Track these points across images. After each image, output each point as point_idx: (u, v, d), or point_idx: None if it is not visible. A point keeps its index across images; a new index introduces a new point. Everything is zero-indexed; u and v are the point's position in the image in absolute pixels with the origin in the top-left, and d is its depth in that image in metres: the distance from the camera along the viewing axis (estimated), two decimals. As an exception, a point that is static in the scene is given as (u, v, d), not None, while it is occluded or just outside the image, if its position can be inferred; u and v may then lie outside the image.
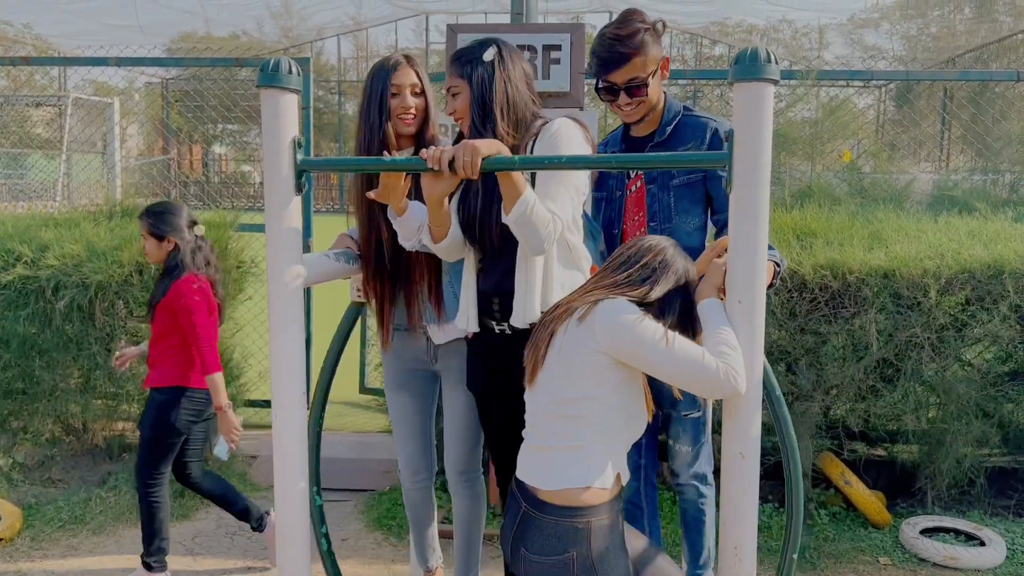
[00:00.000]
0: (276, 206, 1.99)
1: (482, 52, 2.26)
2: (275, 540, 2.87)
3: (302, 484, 2.10)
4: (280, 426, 2.05)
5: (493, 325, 2.34)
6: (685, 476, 2.73)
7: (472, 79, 2.25)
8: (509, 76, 2.25)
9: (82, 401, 4.32)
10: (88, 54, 7.52)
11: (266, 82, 1.93)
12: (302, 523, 2.11)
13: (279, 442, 2.07)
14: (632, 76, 2.44)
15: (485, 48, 2.27)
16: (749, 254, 1.82)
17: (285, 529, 2.10)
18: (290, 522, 2.10)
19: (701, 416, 2.68)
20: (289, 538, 2.09)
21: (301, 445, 2.10)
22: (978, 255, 3.75)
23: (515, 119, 2.25)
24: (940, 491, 4.05)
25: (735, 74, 1.78)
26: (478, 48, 2.28)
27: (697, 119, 2.55)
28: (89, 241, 4.13)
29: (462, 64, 2.28)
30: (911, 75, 4.68)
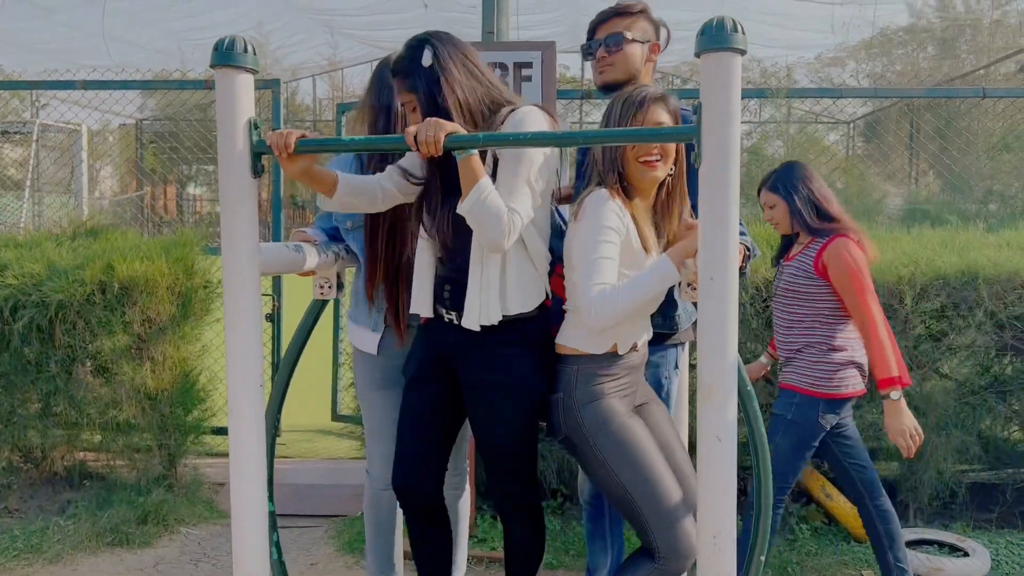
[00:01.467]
0: (231, 191, 1.92)
1: (420, 57, 2.17)
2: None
3: (259, 492, 2.00)
4: (237, 421, 1.95)
5: (443, 312, 2.28)
6: None
7: (419, 90, 2.17)
8: (452, 75, 2.16)
9: (41, 427, 4.17)
10: (60, 92, 7.48)
11: (220, 61, 1.88)
12: (260, 539, 2.01)
13: (236, 440, 1.97)
14: (613, 31, 2.54)
15: (421, 52, 2.18)
16: (720, 229, 1.77)
17: (241, 543, 1.99)
18: (247, 536, 1.99)
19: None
20: (246, 557, 1.98)
21: (259, 448, 2.00)
22: (952, 262, 3.75)
23: (471, 114, 2.18)
24: (922, 504, 3.98)
25: (701, 44, 1.75)
26: (414, 54, 2.19)
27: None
28: (50, 260, 4.02)
29: (405, 77, 2.20)
30: (879, 93, 4.72)
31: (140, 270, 3.95)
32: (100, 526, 3.87)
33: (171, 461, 4.28)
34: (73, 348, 4.03)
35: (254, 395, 1.96)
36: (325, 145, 2.04)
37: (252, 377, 1.96)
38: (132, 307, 3.98)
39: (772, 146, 5.93)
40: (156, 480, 4.22)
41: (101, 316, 3.97)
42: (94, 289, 3.94)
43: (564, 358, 2.24)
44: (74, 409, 4.16)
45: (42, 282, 3.92)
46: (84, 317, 3.97)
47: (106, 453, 4.40)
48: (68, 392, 4.08)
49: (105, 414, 4.10)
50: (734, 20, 1.73)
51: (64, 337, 4.00)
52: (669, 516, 2.12)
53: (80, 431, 4.29)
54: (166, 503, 4.06)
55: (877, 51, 17.40)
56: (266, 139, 1.95)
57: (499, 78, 2.33)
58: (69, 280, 3.90)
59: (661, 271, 2.05)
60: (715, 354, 1.78)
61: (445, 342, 2.30)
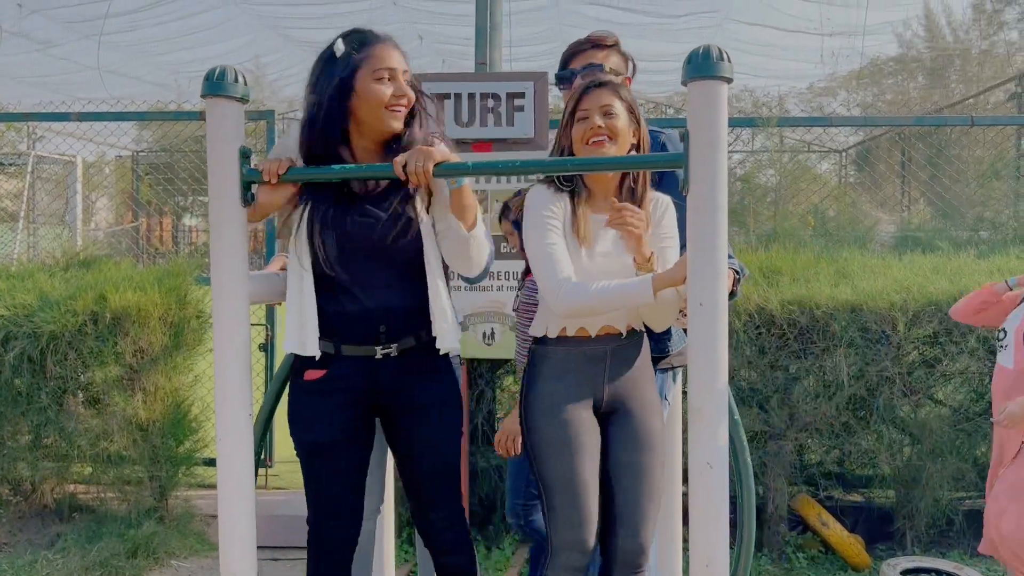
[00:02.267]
0: (221, 220, 1.93)
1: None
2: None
3: (248, 515, 1.98)
4: (226, 449, 1.94)
5: (376, 350, 2.12)
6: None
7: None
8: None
9: (31, 459, 4.14)
10: (56, 124, 7.53)
11: (211, 91, 1.89)
12: (249, 571, 1.99)
13: (224, 469, 1.95)
14: (588, 63, 2.53)
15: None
16: (709, 255, 1.78)
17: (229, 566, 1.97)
18: (235, 569, 1.97)
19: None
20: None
21: (248, 479, 1.99)
22: (943, 288, 3.76)
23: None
24: (919, 532, 3.96)
25: (688, 73, 1.77)
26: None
27: (655, 136, 2.54)
28: (42, 291, 4.01)
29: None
30: (869, 121, 4.76)
31: (132, 300, 3.95)
32: (90, 560, 3.82)
33: (162, 493, 4.24)
34: (64, 379, 4.01)
35: (243, 424, 1.95)
36: (311, 174, 2.04)
37: (240, 406, 1.95)
38: (124, 337, 3.97)
39: (765, 175, 5.97)
40: (147, 512, 4.17)
41: (93, 347, 3.95)
42: (86, 319, 3.93)
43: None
44: (65, 441, 4.13)
45: (34, 313, 3.91)
46: (76, 348, 3.95)
47: (97, 485, 4.36)
48: (59, 423, 4.05)
49: (96, 445, 4.07)
50: (720, 49, 1.75)
51: (55, 368, 3.98)
52: (563, 520, 2.13)
53: (70, 463, 4.25)
54: (157, 536, 4.02)
55: (867, 81, 17.60)
56: (258, 166, 1.96)
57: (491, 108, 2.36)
58: (61, 311, 3.89)
59: (637, 289, 2.05)
60: (705, 379, 1.78)
61: (374, 379, 2.16)
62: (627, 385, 2.23)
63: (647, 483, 2.18)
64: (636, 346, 2.25)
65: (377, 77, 2.03)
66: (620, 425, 2.22)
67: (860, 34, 11.25)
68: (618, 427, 2.22)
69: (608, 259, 2.15)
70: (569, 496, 2.13)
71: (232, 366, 1.93)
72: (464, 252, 2.09)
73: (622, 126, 2.13)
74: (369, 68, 2.03)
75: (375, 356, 2.13)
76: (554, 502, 2.15)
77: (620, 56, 2.62)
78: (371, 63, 2.03)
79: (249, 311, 1.99)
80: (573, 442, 2.15)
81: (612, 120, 2.11)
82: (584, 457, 2.15)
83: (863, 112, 17.43)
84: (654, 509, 2.19)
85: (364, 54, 2.03)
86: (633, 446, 2.20)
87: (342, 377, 2.13)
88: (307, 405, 2.16)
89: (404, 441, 2.23)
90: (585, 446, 2.16)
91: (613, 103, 2.13)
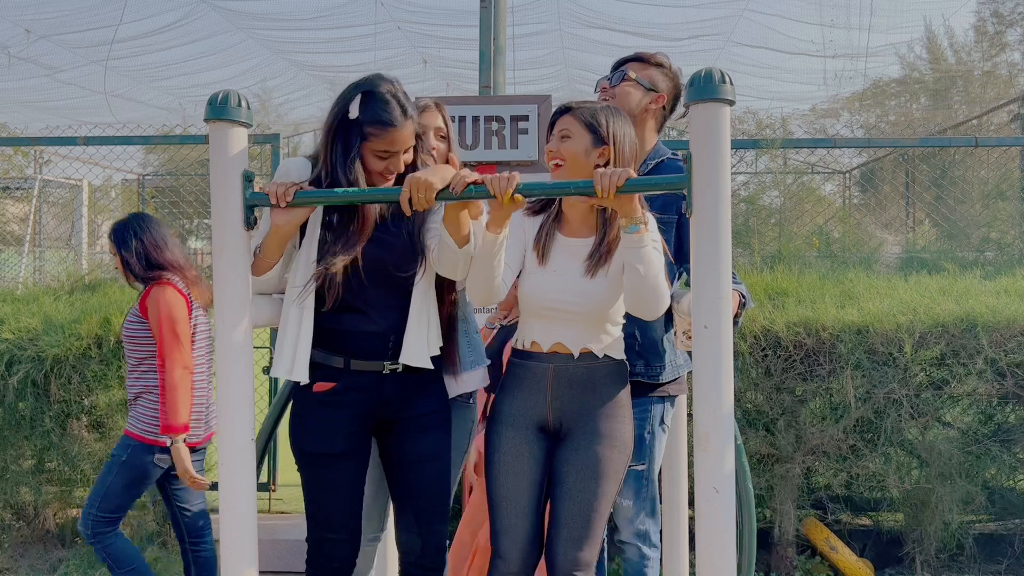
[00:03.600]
0: (224, 243, 1.93)
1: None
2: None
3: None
4: (227, 469, 1.93)
5: (384, 365, 2.23)
6: (627, 532, 2.56)
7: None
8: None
9: (34, 484, 4.12)
10: (63, 149, 7.56)
11: (215, 115, 1.90)
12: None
13: (226, 488, 1.94)
14: (622, 68, 2.63)
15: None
16: (713, 277, 1.77)
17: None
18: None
19: (645, 470, 2.53)
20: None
21: (249, 498, 1.97)
22: (950, 309, 3.74)
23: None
24: (928, 556, 3.91)
25: (690, 95, 1.77)
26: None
27: (678, 163, 2.55)
28: (47, 314, 4.01)
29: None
30: (873, 142, 4.76)
31: (136, 324, 3.94)
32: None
33: (164, 518, 4.21)
34: (68, 403, 4.00)
35: (245, 449, 1.94)
36: (320, 197, 2.05)
37: (243, 431, 1.94)
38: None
39: (769, 196, 5.97)
40: (150, 537, 4.15)
41: (97, 370, 3.95)
42: (90, 343, 3.93)
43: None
44: (68, 465, 4.12)
45: (38, 336, 3.91)
46: (80, 371, 3.95)
47: (99, 510, 4.33)
48: (62, 447, 4.04)
49: (99, 470, 4.05)
50: (722, 71, 1.75)
51: (59, 392, 3.97)
52: (493, 533, 2.25)
53: (73, 487, 4.24)
54: (160, 561, 3.99)
55: (870, 102, 17.64)
56: (265, 189, 1.97)
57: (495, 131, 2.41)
58: (65, 334, 3.89)
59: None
60: (711, 403, 1.76)
61: (380, 393, 2.25)
62: (576, 408, 2.26)
63: (584, 508, 2.20)
64: (592, 372, 2.26)
65: (376, 154, 2.16)
66: (567, 447, 2.26)
67: (863, 56, 11.31)
68: (566, 449, 2.26)
69: (557, 275, 2.24)
70: (499, 508, 2.25)
71: (234, 391, 1.92)
72: (453, 263, 2.14)
73: (572, 150, 2.20)
74: (372, 146, 2.15)
75: (383, 371, 2.24)
76: (491, 513, 2.28)
77: (664, 76, 2.65)
78: (374, 144, 2.15)
79: (252, 335, 1.98)
80: (504, 457, 2.26)
81: (564, 144, 2.20)
82: (513, 472, 2.24)
83: (867, 133, 17.44)
84: (589, 535, 2.20)
85: (373, 131, 2.14)
86: (577, 470, 2.23)
87: (351, 390, 2.22)
88: (315, 417, 2.23)
89: (406, 449, 2.31)
90: (516, 462, 2.25)
91: (570, 127, 2.21)
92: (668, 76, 2.65)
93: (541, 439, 2.28)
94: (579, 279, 2.21)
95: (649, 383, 2.51)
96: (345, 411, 2.22)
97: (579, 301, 2.20)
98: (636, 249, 2.02)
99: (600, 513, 2.21)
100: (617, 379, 2.29)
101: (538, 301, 2.25)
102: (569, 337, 2.23)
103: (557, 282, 2.23)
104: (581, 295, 2.20)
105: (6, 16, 12.53)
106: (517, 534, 2.23)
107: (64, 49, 13.69)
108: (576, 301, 2.20)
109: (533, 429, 2.27)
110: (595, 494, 2.20)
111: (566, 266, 2.24)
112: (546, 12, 12.48)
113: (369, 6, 12.60)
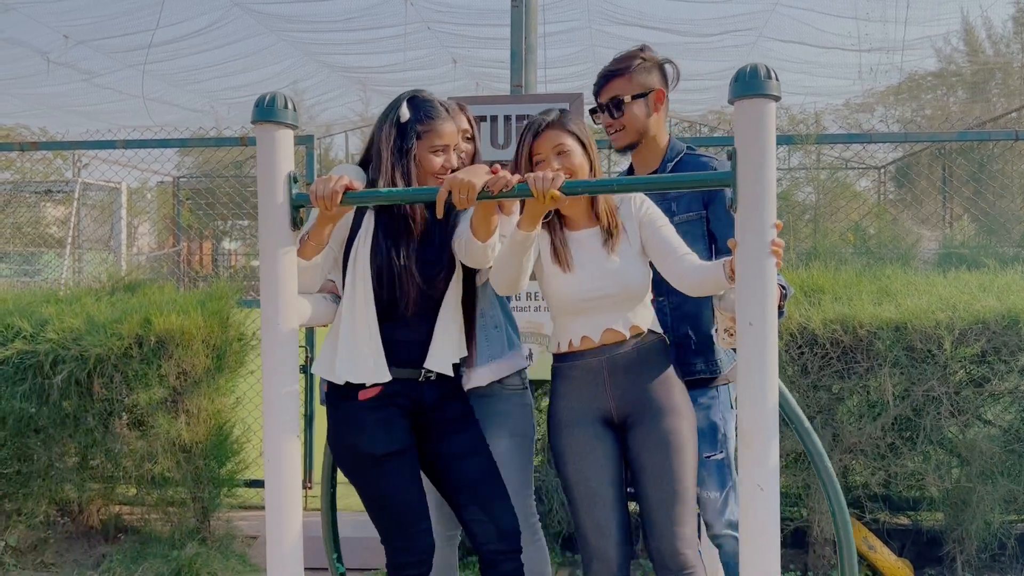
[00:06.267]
0: (271, 243, 1.96)
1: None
2: None
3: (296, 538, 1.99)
4: (274, 470, 1.96)
5: (421, 372, 2.34)
6: (719, 526, 2.54)
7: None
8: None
9: (78, 481, 4.20)
10: (101, 152, 7.71)
11: (261, 117, 1.93)
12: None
13: (272, 487, 1.97)
14: (613, 95, 2.52)
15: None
16: (758, 274, 1.77)
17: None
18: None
19: (724, 458, 2.54)
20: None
21: (295, 497, 2.00)
22: (991, 306, 3.68)
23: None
24: (970, 556, 3.86)
25: (735, 91, 1.77)
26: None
27: (698, 158, 2.54)
28: (89, 315, 4.08)
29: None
30: (909, 137, 4.71)
31: (176, 323, 4.00)
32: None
33: (205, 514, 4.27)
34: (110, 401, 4.07)
35: (290, 445, 1.97)
36: (367, 197, 2.09)
37: (289, 427, 1.97)
38: (168, 360, 4.02)
39: (803, 192, 5.91)
40: (190, 533, 4.21)
41: (138, 369, 4.01)
42: (131, 343, 3.99)
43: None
44: (111, 462, 4.19)
45: (81, 336, 3.98)
46: (121, 371, 4.01)
47: (141, 506, 4.41)
48: (105, 445, 4.11)
49: (140, 467, 4.12)
50: (767, 67, 1.75)
51: (102, 390, 4.04)
52: (581, 532, 2.25)
53: (116, 484, 4.31)
54: (199, 557, 4.05)
55: (906, 96, 17.40)
56: (309, 190, 2.01)
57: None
58: (107, 334, 3.96)
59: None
60: (755, 401, 1.76)
61: (419, 398, 2.35)
62: (636, 392, 2.28)
63: (671, 485, 2.20)
64: (642, 352, 2.30)
65: (433, 150, 2.30)
66: (637, 432, 2.27)
67: (899, 49, 11.16)
68: (636, 434, 2.27)
69: (583, 269, 2.28)
70: (583, 509, 2.25)
71: (280, 388, 1.95)
72: (477, 255, 2.22)
73: (578, 161, 2.26)
74: (427, 142, 2.29)
75: (419, 378, 2.33)
76: (575, 517, 2.28)
77: (646, 71, 2.55)
78: (430, 138, 2.28)
79: (298, 334, 2.01)
80: (576, 458, 2.27)
81: (566, 158, 2.25)
82: (590, 470, 2.25)
83: (902, 128, 17.21)
84: (684, 510, 2.19)
85: (426, 127, 2.28)
86: (653, 451, 2.24)
87: (395, 394, 2.30)
88: (367, 419, 2.29)
89: (447, 448, 2.38)
90: (590, 459, 2.25)
91: (564, 141, 2.26)
92: (647, 67, 2.55)
93: (609, 433, 2.30)
94: (604, 264, 2.28)
95: (711, 376, 2.53)
96: (394, 411, 2.30)
97: (612, 284, 2.27)
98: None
99: (687, 487, 2.22)
100: (663, 355, 2.34)
101: (575, 297, 2.29)
102: (616, 320, 2.28)
103: (585, 275, 2.28)
104: (612, 277, 2.27)
105: (45, 22, 12.77)
106: (609, 531, 2.21)
107: (101, 54, 13.93)
108: (609, 284, 2.27)
109: (599, 425, 2.29)
110: (678, 469, 2.21)
111: (587, 257, 2.30)
112: (576, 10, 12.47)
113: (399, 7, 12.68)
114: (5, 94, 14.96)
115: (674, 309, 2.54)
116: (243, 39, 14.11)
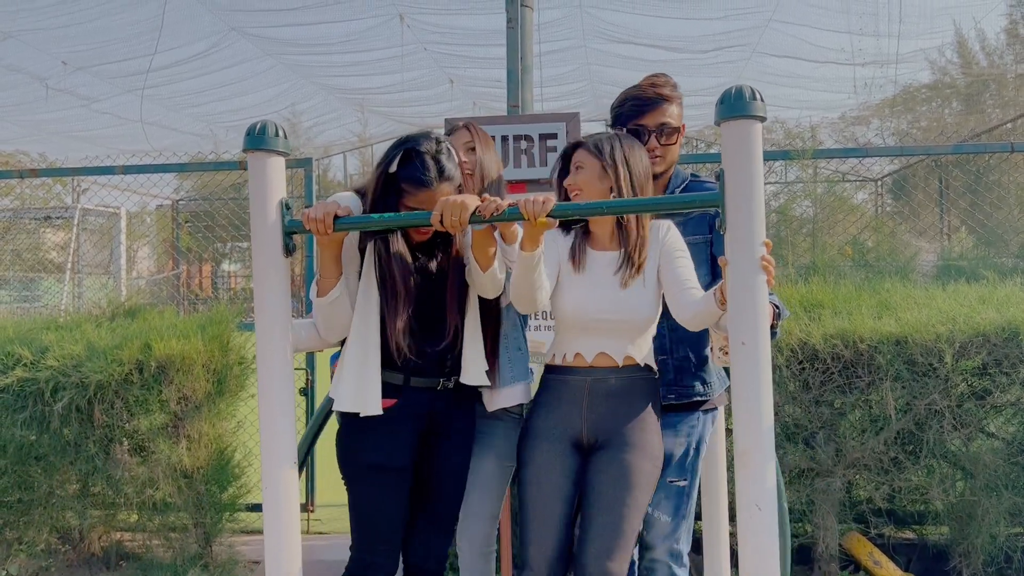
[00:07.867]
0: (264, 269, 1.96)
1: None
2: None
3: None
4: (272, 492, 1.95)
5: (440, 382, 2.39)
6: (660, 550, 2.49)
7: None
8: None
9: (79, 508, 4.19)
10: (101, 177, 7.74)
11: (252, 145, 1.94)
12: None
13: (270, 512, 1.96)
14: (663, 121, 2.52)
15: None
16: (749, 294, 1.77)
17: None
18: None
19: (687, 486, 2.50)
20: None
21: (293, 520, 2.00)
22: (991, 318, 3.68)
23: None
24: (976, 570, 3.84)
25: (720, 113, 1.78)
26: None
27: (703, 184, 2.56)
28: (89, 341, 4.08)
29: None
30: (905, 150, 4.72)
31: (176, 348, 4.00)
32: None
33: (207, 540, 4.25)
34: (111, 428, 4.06)
35: (288, 472, 1.96)
36: (360, 223, 2.10)
37: (285, 455, 1.96)
38: (168, 385, 4.02)
39: (800, 206, 5.93)
40: (192, 559, 4.19)
41: (138, 395, 4.00)
42: (132, 369, 3.99)
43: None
44: (112, 489, 4.18)
45: (82, 363, 3.98)
46: (122, 396, 4.01)
47: (143, 533, 4.39)
48: (106, 472, 4.09)
49: (142, 493, 4.11)
50: (752, 88, 1.76)
51: (103, 417, 4.03)
52: (523, 546, 2.30)
53: (117, 511, 4.29)
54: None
55: (901, 108, 17.45)
56: (303, 217, 2.03)
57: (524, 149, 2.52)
58: (108, 360, 3.96)
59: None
60: (750, 420, 1.76)
61: (433, 407, 2.40)
62: (610, 421, 2.32)
63: (618, 521, 2.22)
64: (627, 383, 2.33)
65: (411, 211, 2.29)
66: (600, 457, 2.31)
67: (893, 62, 11.20)
68: (598, 459, 2.31)
69: (594, 288, 2.35)
70: (531, 518, 2.31)
71: (276, 414, 1.95)
72: (481, 284, 2.31)
73: (587, 178, 2.34)
74: (406, 203, 2.28)
75: (437, 388, 2.38)
76: (521, 526, 2.36)
77: (680, 105, 2.60)
78: (408, 200, 2.27)
79: (293, 359, 2.01)
80: (537, 471, 2.32)
81: (578, 175, 2.35)
82: (547, 483, 2.30)
83: (898, 140, 17.26)
84: (621, 545, 2.21)
85: (407, 188, 2.26)
86: (609, 481, 2.27)
87: (411, 405, 2.35)
88: (377, 431, 2.32)
89: (442, 464, 2.45)
90: (550, 474, 2.30)
91: (583, 159, 2.37)
92: (679, 96, 2.60)
93: (574, 454, 2.34)
94: (615, 291, 2.31)
95: (704, 399, 2.52)
96: (405, 425, 2.35)
97: (617, 311, 2.30)
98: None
99: (631, 524, 2.23)
100: (650, 391, 2.37)
101: (579, 315, 2.33)
102: (612, 347, 2.32)
103: (594, 295, 2.32)
104: (618, 305, 2.30)
105: (44, 49, 12.85)
106: (545, 546, 2.27)
107: (100, 80, 14.00)
108: (614, 310, 2.30)
109: (567, 444, 2.34)
110: (627, 504, 2.23)
111: (600, 279, 2.34)
112: (571, 29, 12.55)
113: (395, 29, 12.76)
114: (5, 120, 15.04)
115: (672, 331, 2.53)
116: (241, 63, 14.19)
